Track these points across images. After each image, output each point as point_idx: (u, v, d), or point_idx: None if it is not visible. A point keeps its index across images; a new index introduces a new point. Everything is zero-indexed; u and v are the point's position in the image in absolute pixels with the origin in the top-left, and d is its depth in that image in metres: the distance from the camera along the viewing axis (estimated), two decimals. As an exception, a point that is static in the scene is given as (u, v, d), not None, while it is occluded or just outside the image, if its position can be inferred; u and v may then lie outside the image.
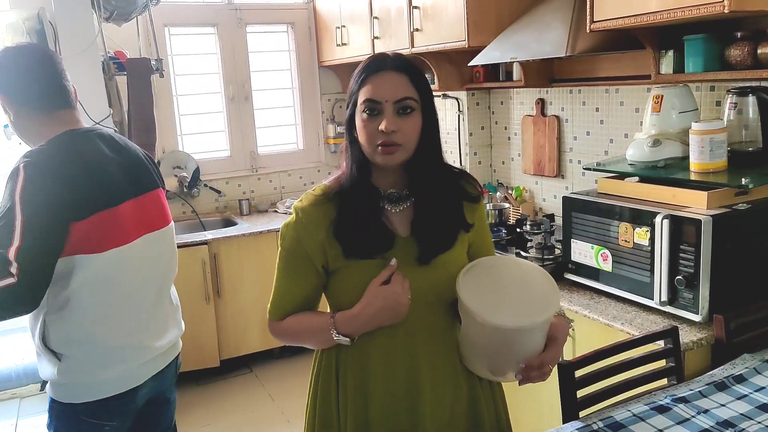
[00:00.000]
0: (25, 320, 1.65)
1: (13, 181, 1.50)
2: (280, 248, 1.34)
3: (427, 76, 1.36)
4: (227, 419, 3.26)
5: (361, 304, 1.23)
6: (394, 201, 1.30)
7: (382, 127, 1.20)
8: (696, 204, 1.83)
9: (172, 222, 1.88)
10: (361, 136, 1.25)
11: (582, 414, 1.52)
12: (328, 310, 1.33)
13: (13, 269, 1.43)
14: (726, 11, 1.70)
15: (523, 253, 2.63)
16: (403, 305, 1.22)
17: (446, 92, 3.50)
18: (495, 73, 3.20)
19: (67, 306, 1.60)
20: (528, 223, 2.80)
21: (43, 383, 1.89)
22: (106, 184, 1.65)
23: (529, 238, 2.73)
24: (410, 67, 1.26)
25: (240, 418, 3.26)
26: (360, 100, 1.24)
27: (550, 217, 2.88)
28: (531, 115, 3.18)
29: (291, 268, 1.32)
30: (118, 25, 3.24)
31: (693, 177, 1.92)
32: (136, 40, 3.48)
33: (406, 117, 1.23)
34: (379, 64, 1.25)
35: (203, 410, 3.33)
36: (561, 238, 2.35)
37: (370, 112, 1.23)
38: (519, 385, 1.25)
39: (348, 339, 1.26)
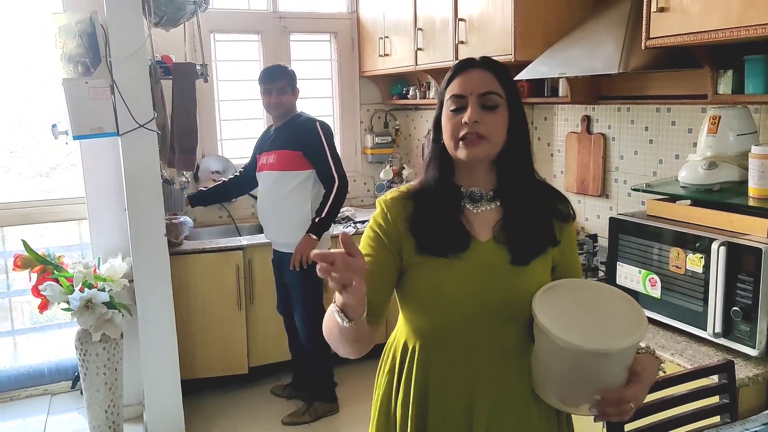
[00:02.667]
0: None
1: (315, 133, 3.13)
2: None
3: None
4: (252, 428, 3.24)
5: None
6: (475, 200, 1.27)
7: (465, 118, 1.21)
8: (755, 231, 1.75)
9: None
10: (446, 131, 1.25)
11: (629, 448, 1.45)
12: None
13: (338, 180, 3.11)
14: (794, 31, 1.62)
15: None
16: (339, 280, 1.00)
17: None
18: (539, 88, 3.14)
19: (315, 195, 3.20)
20: (570, 242, 2.73)
21: (75, 381, 2.36)
22: None
23: (571, 258, 2.66)
24: (497, 66, 1.27)
25: (265, 428, 3.24)
26: (447, 96, 1.26)
27: (593, 237, 2.81)
28: (576, 133, 3.11)
29: (367, 244, 1.29)
30: (167, 31, 3.28)
31: (752, 203, 1.83)
32: (183, 45, 3.52)
33: (491, 112, 1.23)
34: (466, 63, 1.27)
35: (228, 418, 3.32)
36: (604, 260, 2.27)
37: (456, 107, 1.23)
38: (594, 421, 1.16)
39: (345, 318, 1.09)
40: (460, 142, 1.22)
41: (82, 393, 3.17)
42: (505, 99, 1.24)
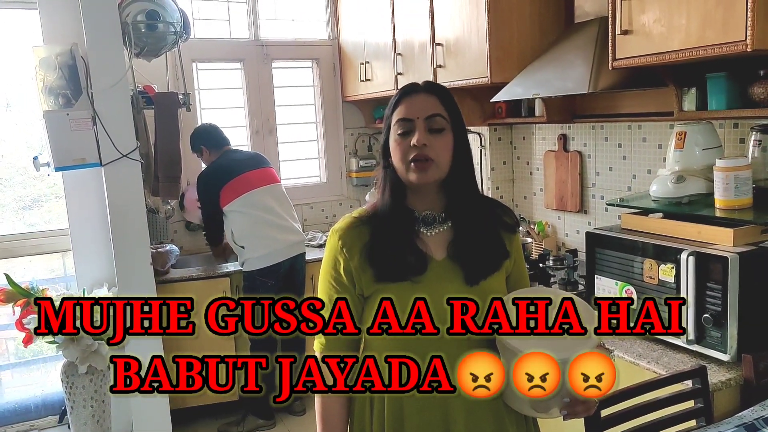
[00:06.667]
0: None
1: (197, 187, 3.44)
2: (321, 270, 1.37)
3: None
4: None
5: None
6: (429, 223, 1.32)
7: (414, 141, 1.25)
8: (722, 241, 1.81)
9: (281, 182, 3.59)
10: (395, 155, 1.29)
11: (608, 455, 1.48)
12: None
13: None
14: (749, 50, 1.70)
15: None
16: None
17: (468, 127, 3.50)
18: (517, 108, 3.22)
19: (235, 225, 3.33)
20: (551, 258, 2.78)
21: (62, 415, 2.37)
22: (231, 169, 3.37)
23: (552, 273, 2.71)
24: (440, 90, 1.32)
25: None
26: (393, 121, 1.30)
27: (573, 252, 2.86)
28: (553, 151, 3.18)
29: (331, 286, 1.33)
30: (148, 61, 3.33)
31: (718, 214, 1.89)
32: (165, 75, 3.57)
33: (437, 135, 1.27)
34: (410, 88, 1.32)
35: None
36: (584, 274, 2.32)
37: (403, 131, 1.27)
38: (564, 420, 1.21)
39: None
40: (411, 165, 1.25)
41: (69, 427, 3.14)
42: (450, 122, 1.28)
